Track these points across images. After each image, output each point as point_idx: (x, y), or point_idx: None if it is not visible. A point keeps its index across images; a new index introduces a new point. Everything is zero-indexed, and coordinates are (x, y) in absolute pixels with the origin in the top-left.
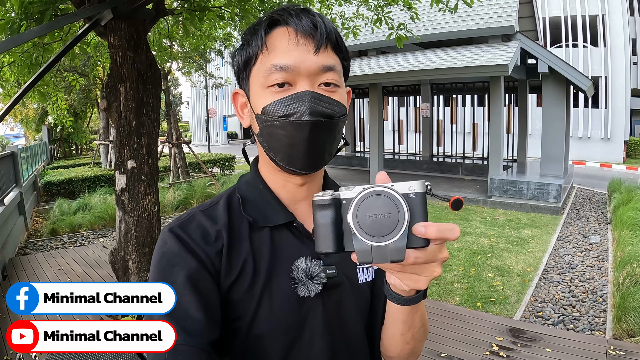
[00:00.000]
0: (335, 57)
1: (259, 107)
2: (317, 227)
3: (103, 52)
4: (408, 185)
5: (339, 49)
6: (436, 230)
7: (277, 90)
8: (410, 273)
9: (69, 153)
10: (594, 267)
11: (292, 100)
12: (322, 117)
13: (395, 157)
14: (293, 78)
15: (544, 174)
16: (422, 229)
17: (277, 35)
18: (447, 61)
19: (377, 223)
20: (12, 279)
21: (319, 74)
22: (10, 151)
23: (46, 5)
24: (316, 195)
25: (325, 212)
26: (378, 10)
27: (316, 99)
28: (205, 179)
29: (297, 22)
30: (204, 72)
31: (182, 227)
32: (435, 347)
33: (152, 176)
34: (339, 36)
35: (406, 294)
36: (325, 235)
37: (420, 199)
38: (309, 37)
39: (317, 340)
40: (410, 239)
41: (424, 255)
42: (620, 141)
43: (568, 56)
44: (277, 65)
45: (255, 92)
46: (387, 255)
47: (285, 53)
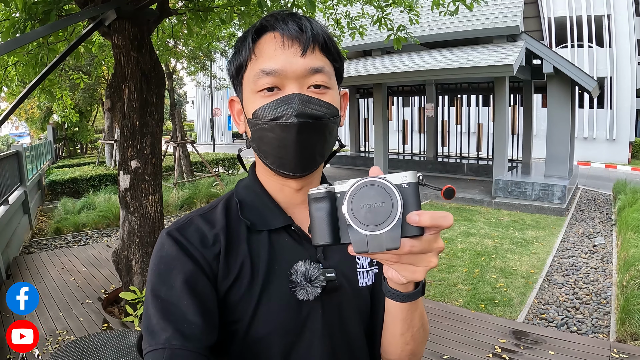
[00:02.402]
0: (324, 59)
1: (250, 112)
2: (313, 220)
3: (107, 51)
4: (400, 176)
5: (327, 50)
6: (430, 217)
7: (267, 94)
8: (406, 264)
9: (74, 152)
10: (598, 269)
11: (280, 103)
12: (310, 118)
13: (399, 157)
14: (281, 82)
15: (549, 175)
16: (416, 217)
17: (264, 41)
18: (452, 61)
19: (372, 212)
20: (16, 277)
21: (307, 76)
22: (15, 150)
23: (50, 6)
24: (311, 189)
25: (320, 205)
26: (379, 10)
27: (304, 101)
28: (209, 179)
29: (284, 27)
30: (209, 72)
31: (180, 231)
32: (437, 348)
33: (155, 176)
34: (329, 38)
35: (404, 289)
36: (321, 228)
37: (412, 188)
38: (295, 40)
39: (317, 344)
40: (404, 228)
41: (420, 244)
42: (626, 142)
43: (573, 56)
44: (265, 69)
45: (247, 97)
46: (382, 243)
47: (272, 58)
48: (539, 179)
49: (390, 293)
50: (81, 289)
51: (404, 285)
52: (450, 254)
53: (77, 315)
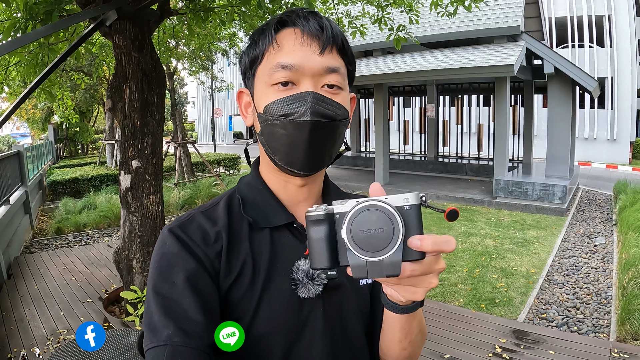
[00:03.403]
0: (340, 60)
1: (262, 106)
2: (311, 243)
3: (108, 51)
4: (402, 198)
5: (344, 52)
6: (432, 242)
7: (281, 89)
8: (407, 285)
9: (75, 152)
10: (599, 269)
11: (293, 100)
12: (323, 118)
13: (400, 157)
14: (297, 77)
15: (550, 175)
16: (417, 242)
17: (284, 35)
18: (453, 61)
19: (372, 238)
20: (17, 277)
21: (322, 75)
22: (16, 150)
23: (51, 6)
24: (309, 210)
25: (319, 228)
26: (379, 10)
27: (318, 100)
28: (210, 179)
29: (305, 24)
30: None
31: (182, 228)
32: (438, 348)
33: (156, 176)
34: (346, 40)
35: (403, 303)
36: (319, 251)
37: (414, 211)
38: (315, 38)
39: (318, 342)
40: (405, 253)
41: (420, 268)
42: (627, 142)
43: (574, 57)
44: (282, 63)
45: (259, 90)
46: (382, 270)
47: (290, 52)
48: (540, 179)
49: (389, 305)
50: (82, 289)
51: (403, 301)
52: (450, 254)
53: (78, 315)
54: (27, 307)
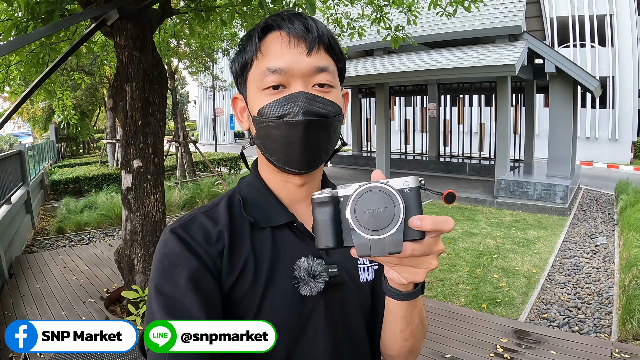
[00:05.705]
0: (329, 59)
1: (256, 110)
2: (317, 224)
3: (110, 51)
4: (402, 181)
5: (332, 50)
6: (431, 222)
7: (272, 92)
8: (407, 266)
9: (77, 152)
10: (600, 269)
11: (286, 101)
12: (316, 116)
13: (401, 157)
14: (287, 80)
15: (551, 175)
16: (417, 221)
17: (271, 39)
18: (454, 61)
19: (374, 217)
20: (19, 276)
21: (312, 75)
22: (17, 150)
23: (53, 6)
24: (315, 193)
25: (324, 209)
26: (377, 10)
27: (310, 99)
28: (211, 178)
29: (290, 26)
30: (210, 73)
31: (184, 228)
32: (439, 348)
33: (157, 175)
34: (333, 38)
35: (404, 288)
36: (324, 232)
37: (414, 193)
38: (301, 39)
39: (320, 339)
40: (406, 232)
41: (421, 248)
42: (628, 142)
43: (575, 56)
44: (271, 68)
45: (251, 95)
46: (385, 247)
47: (278, 56)
48: (541, 178)
49: (390, 292)
50: (83, 288)
51: (404, 285)
52: (452, 254)
53: (79, 314)
54: (28, 307)
